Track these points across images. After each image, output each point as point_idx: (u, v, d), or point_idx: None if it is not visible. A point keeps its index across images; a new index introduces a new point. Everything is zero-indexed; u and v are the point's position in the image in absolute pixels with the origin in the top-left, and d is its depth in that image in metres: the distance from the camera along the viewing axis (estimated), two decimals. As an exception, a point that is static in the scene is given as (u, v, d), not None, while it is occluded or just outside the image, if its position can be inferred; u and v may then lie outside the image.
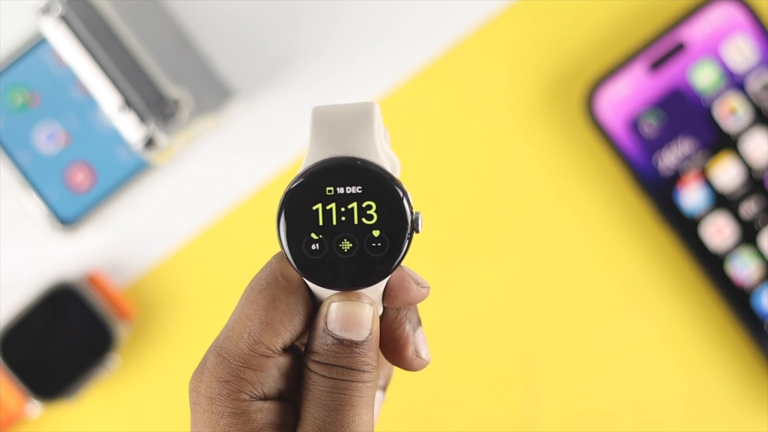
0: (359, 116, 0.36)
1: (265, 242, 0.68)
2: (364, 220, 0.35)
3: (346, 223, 0.35)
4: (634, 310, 0.67)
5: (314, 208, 0.35)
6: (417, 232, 0.36)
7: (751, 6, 0.65)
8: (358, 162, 0.35)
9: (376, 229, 0.35)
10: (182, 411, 0.69)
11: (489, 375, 0.67)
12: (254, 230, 0.68)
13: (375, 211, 0.35)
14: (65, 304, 0.67)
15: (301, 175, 0.36)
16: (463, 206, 0.67)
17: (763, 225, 0.65)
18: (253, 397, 0.36)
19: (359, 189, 0.35)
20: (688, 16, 0.65)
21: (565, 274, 0.67)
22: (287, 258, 0.36)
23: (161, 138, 0.62)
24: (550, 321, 0.67)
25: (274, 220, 0.37)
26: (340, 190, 0.35)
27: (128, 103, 0.61)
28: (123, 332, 0.67)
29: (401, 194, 0.35)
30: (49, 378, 0.67)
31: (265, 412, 0.36)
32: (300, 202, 0.36)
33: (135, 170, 0.67)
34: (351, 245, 0.35)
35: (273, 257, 0.38)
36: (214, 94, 0.66)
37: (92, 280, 0.68)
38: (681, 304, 0.66)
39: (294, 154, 0.68)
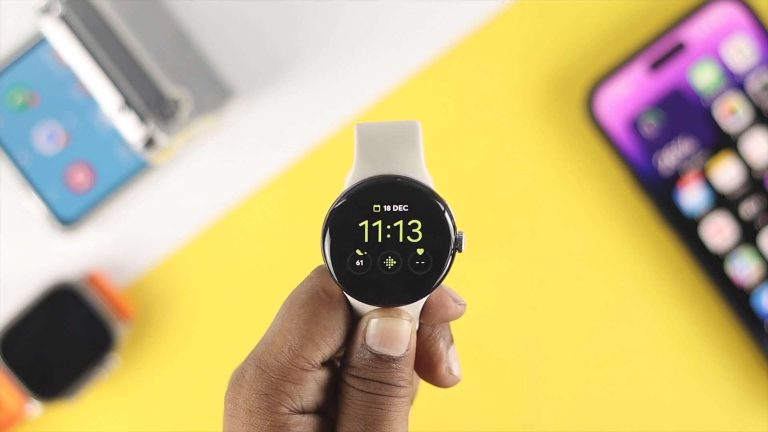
0: (405, 135, 0.37)
1: (266, 243, 0.68)
2: (409, 238, 0.36)
3: (391, 241, 0.36)
4: (634, 310, 0.67)
5: (360, 224, 0.36)
6: (460, 251, 0.36)
7: (751, 6, 0.65)
8: (400, 180, 0.36)
9: (420, 247, 0.36)
10: (182, 411, 0.69)
11: (491, 376, 0.67)
12: (254, 230, 0.68)
13: (420, 230, 0.36)
14: (65, 304, 0.67)
15: (347, 192, 0.36)
16: (463, 206, 0.67)
17: (763, 225, 0.65)
18: (291, 411, 0.36)
19: (406, 207, 0.36)
20: (688, 16, 0.65)
21: (565, 274, 0.67)
22: (330, 273, 0.36)
23: (161, 138, 0.62)
24: (551, 321, 0.67)
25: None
26: (387, 208, 0.36)
27: (128, 103, 0.61)
28: (123, 332, 0.67)
29: (447, 214, 0.36)
30: (49, 378, 0.67)
31: (303, 426, 0.36)
32: (346, 219, 0.36)
33: (135, 170, 0.67)
34: (395, 263, 0.36)
35: (313, 271, 0.38)
36: (214, 94, 0.66)
37: (92, 280, 0.68)
38: (681, 304, 0.66)
39: (294, 155, 0.68)
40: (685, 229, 0.65)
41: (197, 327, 0.68)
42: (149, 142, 0.62)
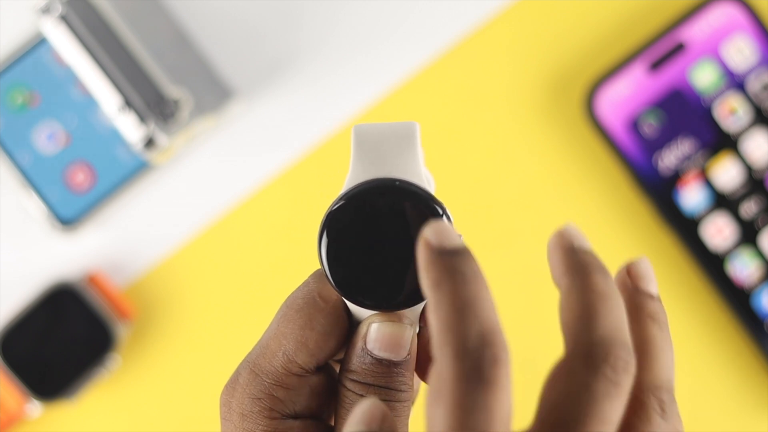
0: (402, 137, 0.36)
1: (265, 243, 0.68)
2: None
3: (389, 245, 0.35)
4: (634, 310, 0.67)
5: (358, 228, 0.35)
6: None
7: (751, 6, 0.65)
8: (398, 183, 0.35)
9: None
10: (182, 411, 0.69)
11: (489, 375, 0.67)
12: (254, 230, 0.68)
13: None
14: (65, 304, 0.67)
15: (343, 196, 0.36)
16: (463, 206, 0.67)
17: (763, 225, 0.65)
18: (284, 416, 0.36)
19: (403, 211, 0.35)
20: (688, 16, 0.65)
21: (565, 274, 0.67)
22: (328, 278, 0.36)
23: (161, 138, 0.62)
24: (551, 321, 0.67)
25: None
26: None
27: (128, 103, 0.61)
28: (123, 332, 0.67)
29: (445, 218, 0.36)
30: (49, 378, 0.67)
31: (296, 430, 0.36)
32: (342, 223, 0.35)
33: (135, 170, 0.67)
34: (394, 267, 0.35)
35: (310, 276, 0.37)
36: (214, 94, 0.66)
37: (92, 280, 0.68)
38: (681, 304, 0.66)
39: (294, 155, 0.68)
40: (685, 229, 0.65)
41: (197, 327, 0.68)
42: (149, 142, 0.62)
